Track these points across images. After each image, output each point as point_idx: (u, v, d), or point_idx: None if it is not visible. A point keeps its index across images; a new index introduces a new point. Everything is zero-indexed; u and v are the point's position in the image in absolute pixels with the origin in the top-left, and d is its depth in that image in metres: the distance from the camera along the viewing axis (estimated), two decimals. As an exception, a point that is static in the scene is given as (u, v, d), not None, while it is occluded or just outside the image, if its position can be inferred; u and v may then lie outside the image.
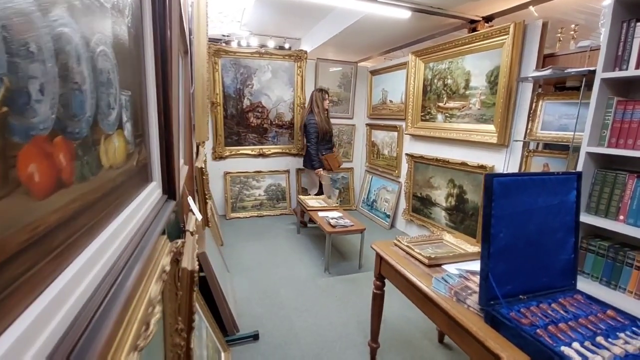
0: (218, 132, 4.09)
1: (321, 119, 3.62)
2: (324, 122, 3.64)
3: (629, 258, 1.72)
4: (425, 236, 1.78)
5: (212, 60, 3.88)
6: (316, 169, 3.68)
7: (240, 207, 4.30)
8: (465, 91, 2.91)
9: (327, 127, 3.68)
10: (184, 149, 1.50)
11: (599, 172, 1.83)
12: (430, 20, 3.11)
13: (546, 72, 1.99)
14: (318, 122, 3.59)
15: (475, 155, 2.87)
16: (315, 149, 3.65)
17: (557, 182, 1.16)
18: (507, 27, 2.43)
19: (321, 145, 3.71)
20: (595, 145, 1.81)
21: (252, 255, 3.14)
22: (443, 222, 3.27)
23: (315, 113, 3.63)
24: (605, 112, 1.77)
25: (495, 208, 1.06)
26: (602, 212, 1.82)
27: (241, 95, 4.11)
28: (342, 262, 3.07)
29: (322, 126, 3.62)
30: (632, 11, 1.69)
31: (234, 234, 3.70)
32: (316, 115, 3.62)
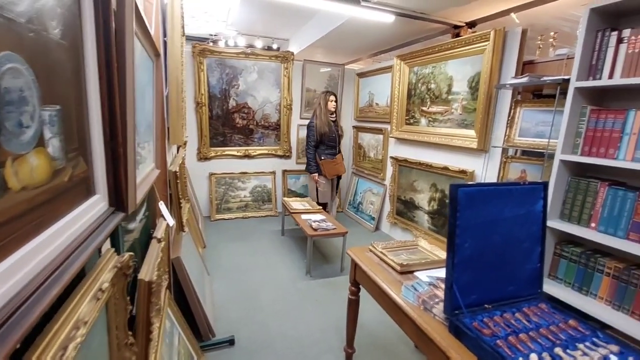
0: (203, 133, 4.04)
1: (322, 122, 3.48)
2: (324, 125, 3.49)
3: (599, 264, 1.75)
4: (401, 242, 1.78)
5: (197, 60, 3.83)
6: (311, 173, 3.59)
7: (225, 209, 4.26)
8: (448, 96, 2.93)
9: (327, 131, 3.49)
10: (155, 154, 1.48)
11: (572, 180, 1.86)
12: (414, 25, 3.12)
13: (523, 79, 2.01)
14: (316, 125, 3.49)
15: (456, 160, 2.89)
16: (312, 152, 3.55)
17: (523, 193, 1.17)
18: (487, 33, 2.45)
19: (321, 149, 3.56)
20: (569, 153, 1.83)
21: (235, 258, 3.12)
22: (426, 226, 3.29)
23: (317, 115, 3.53)
24: (579, 120, 1.80)
25: (460, 218, 1.06)
26: (575, 219, 1.85)
27: (227, 95, 4.08)
28: (324, 264, 3.07)
29: (321, 129, 3.48)
30: (607, 20, 1.72)
31: (218, 235, 3.67)
32: (317, 117, 3.51)
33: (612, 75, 1.67)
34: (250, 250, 3.30)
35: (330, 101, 3.52)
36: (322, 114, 3.51)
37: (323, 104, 3.51)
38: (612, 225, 1.69)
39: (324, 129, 3.48)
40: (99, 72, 0.64)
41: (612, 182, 1.73)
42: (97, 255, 0.70)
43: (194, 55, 3.82)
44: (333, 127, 3.56)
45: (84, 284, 0.56)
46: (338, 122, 3.66)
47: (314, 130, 3.51)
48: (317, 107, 3.56)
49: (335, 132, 3.58)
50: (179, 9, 1.63)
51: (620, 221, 1.65)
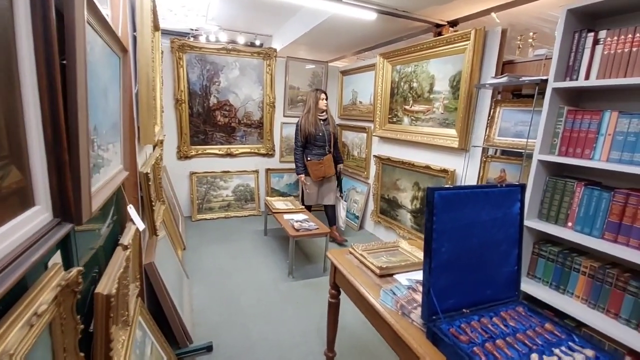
0: (183, 131, 3.93)
1: (307, 122, 3.33)
2: (310, 125, 3.32)
3: (576, 263, 1.77)
4: (381, 244, 1.76)
5: (176, 55, 3.71)
6: (298, 174, 3.48)
7: (207, 208, 4.16)
8: (430, 95, 2.93)
9: (312, 131, 3.32)
10: (123, 155, 1.40)
11: (550, 180, 1.87)
12: (397, 23, 3.10)
13: (502, 79, 2.01)
14: (301, 124, 3.36)
15: (438, 159, 2.90)
16: (299, 153, 3.42)
17: (500, 195, 1.16)
18: (468, 32, 2.44)
19: (309, 149, 3.41)
20: (546, 153, 1.84)
21: (215, 260, 3.04)
22: (409, 225, 3.29)
23: (303, 115, 3.40)
24: (556, 120, 1.81)
25: (437, 222, 1.04)
26: (553, 218, 1.86)
27: (208, 92, 3.97)
28: (307, 264, 3.03)
29: (305, 129, 3.33)
30: (584, 21, 1.73)
31: (199, 236, 3.58)
32: (303, 117, 3.37)
33: (589, 76, 1.68)
34: (232, 252, 3.23)
35: (321, 99, 3.35)
36: (311, 114, 3.35)
37: (313, 103, 3.35)
38: (588, 224, 1.71)
39: (309, 129, 3.33)
40: (38, 69, 0.58)
41: (588, 182, 1.75)
42: (44, 271, 0.64)
43: (173, 51, 3.70)
44: (322, 127, 3.38)
45: (15, 309, 0.50)
46: (331, 121, 3.47)
47: (297, 128, 3.42)
48: (306, 106, 3.41)
49: (324, 132, 3.38)
50: (148, 2, 1.55)
51: (595, 221, 1.68)
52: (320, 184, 3.48)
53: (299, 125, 3.40)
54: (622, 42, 1.55)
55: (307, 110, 3.38)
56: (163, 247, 2.18)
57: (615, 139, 1.60)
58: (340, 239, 3.56)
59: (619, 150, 1.59)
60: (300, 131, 3.37)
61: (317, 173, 3.41)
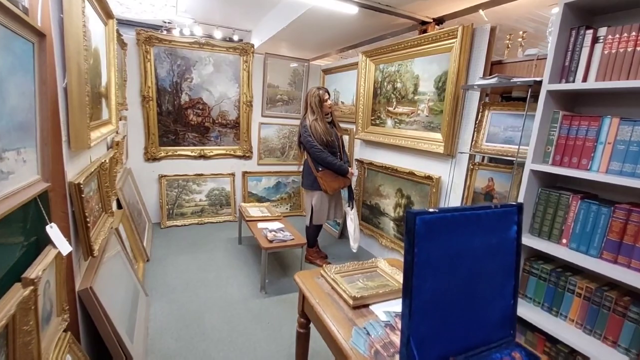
0: (151, 131, 3.64)
1: (323, 129, 2.77)
2: (326, 133, 2.78)
3: (570, 284, 1.61)
4: (358, 264, 1.55)
5: (143, 48, 3.42)
6: (344, 172, 2.86)
7: (178, 214, 3.88)
8: (414, 96, 2.75)
9: (329, 139, 2.79)
10: (42, 163, 1.14)
11: (543, 191, 1.71)
12: (380, 19, 2.91)
13: (491, 80, 1.84)
14: (314, 132, 2.75)
15: (422, 165, 2.72)
16: (325, 152, 2.78)
17: (494, 217, 0.96)
18: (455, 29, 2.27)
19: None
20: (539, 162, 1.68)
21: (181, 273, 2.78)
22: (391, 233, 3.11)
23: (311, 120, 2.78)
24: (550, 126, 1.64)
25: (419, 254, 0.83)
26: (545, 234, 1.70)
27: (178, 89, 3.69)
28: (282, 277, 2.80)
29: (322, 137, 2.76)
30: (583, 17, 1.57)
31: (167, 245, 3.30)
32: (312, 122, 2.77)
33: (587, 78, 1.52)
34: (201, 263, 2.97)
35: (325, 100, 2.83)
36: (319, 119, 2.77)
37: (316, 104, 2.77)
38: (584, 242, 1.55)
39: (326, 138, 2.77)
40: None
41: (585, 195, 1.59)
42: None
43: (139, 44, 3.41)
44: (332, 131, 2.88)
45: None
46: (335, 122, 3.01)
47: (311, 136, 2.77)
48: (308, 109, 2.82)
49: (336, 137, 2.90)
50: (79, -20, 1.29)
51: (593, 238, 1.51)
52: (331, 197, 2.99)
53: (311, 132, 2.77)
54: (625, 41, 1.39)
55: (314, 114, 2.78)
56: (112, 265, 1.91)
57: (615, 148, 1.44)
58: (322, 262, 3.04)
59: (619, 161, 1.43)
60: (314, 137, 2.77)
61: (333, 185, 2.85)
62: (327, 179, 2.84)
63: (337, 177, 2.87)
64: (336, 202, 3.05)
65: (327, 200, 2.94)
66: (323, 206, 2.94)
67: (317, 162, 2.84)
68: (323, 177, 2.83)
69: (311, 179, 2.88)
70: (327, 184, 2.84)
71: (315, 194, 2.91)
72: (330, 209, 3.00)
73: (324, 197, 2.91)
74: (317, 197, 2.91)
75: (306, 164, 2.92)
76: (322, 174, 2.83)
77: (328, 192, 2.88)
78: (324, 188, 2.85)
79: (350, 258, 3.21)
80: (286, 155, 4.46)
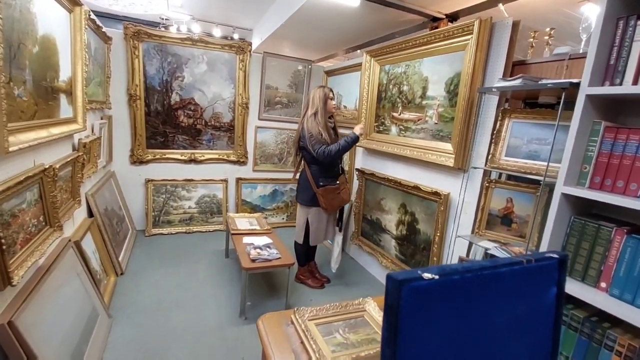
0: (138, 132, 3.40)
1: (326, 130, 2.45)
2: (329, 135, 2.47)
3: (609, 339, 1.27)
4: (340, 305, 1.24)
5: (130, 43, 3.19)
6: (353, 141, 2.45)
7: (164, 222, 3.62)
8: (422, 101, 2.43)
9: (326, 135, 2.45)
10: None
11: (576, 221, 1.37)
12: (385, 14, 2.61)
13: (515, 82, 1.51)
14: (314, 132, 2.40)
15: (429, 178, 2.40)
16: (334, 145, 2.42)
17: (524, 276, 0.65)
18: (470, 24, 1.96)
19: (322, 168, 2.52)
20: (573, 184, 1.35)
21: (156, 289, 2.50)
22: (393, 253, 2.78)
23: (308, 118, 2.46)
24: (589, 140, 1.31)
25: (405, 347, 0.52)
26: (578, 273, 1.36)
27: (169, 88, 3.45)
28: (266, 299, 2.50)
29: (327, 139, 2.44)
30: (633, 5, 1.24)
31: (147, 256, 3.04)
32: (310, 120, 2.44)
33: (638, 81, 1.19)
34: (180, 279, 2.69)
35: (330, 99, 2.50)
36: (320, 116, 2.43)
37: (321, 103, 2.44)
38: (631, 289, 1.21)
39: (325, 133, 2.45)
40: None
41: (633, 228, 1.25)
42: None
43: (127, 38, 3.18)
44: (334, 136, 2.56)
45: None
46: (336, 129, 2.63)
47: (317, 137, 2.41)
48: (310, 104, 2.49)
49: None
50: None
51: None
52: (329, 215, 2.65)
53: (309, 132, 2.42)
54: (695, 32, 1.07)
55: (313, 113, 2.45)
56: (58, 287, 1.64)
57: (678, 171, 1.11)
58: (315, 283, 2.76)
59: (683, 188, 1.10)
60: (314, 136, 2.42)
61: (334, 203, 2.55)
62: (329, 196, 2.52)
63: (338, 194, 2.57)
64: (332, 221, 2.75)
65: (325, 219, 2.64)
66: (321, 225, 2.63)
67: (325, 163, 2.47)
68: (324, 195, 2.51)
69: (309, 194, 2.54)
70: (328, 202, 2.53)
71: (311, 211, 2.59)
72: (328, 227, 2.70)
73: (322, 214, 2.60)
74: (314, 215, 2.59)
75: (304, 177, 2.59)
76: (323, 191, 2.50)
77: (328, 211, 2.60)
78: (324, 206, 2.54)
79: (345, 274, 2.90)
80: (284, 162, 4.17)
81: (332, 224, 2.73)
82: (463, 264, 0.59)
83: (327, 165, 2.51)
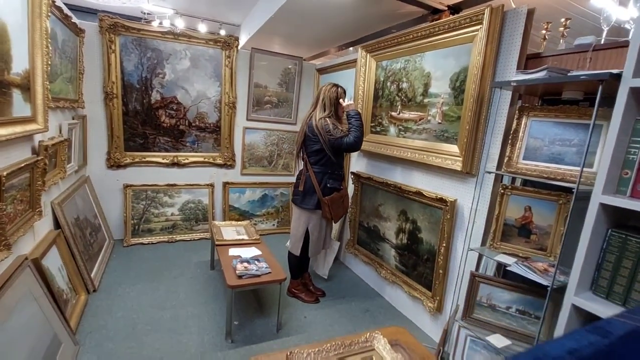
0: (115, 133, 3.12)
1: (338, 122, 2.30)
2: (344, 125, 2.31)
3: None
4: (344, 345, 1.02)
5: (107, 37, 2.93)
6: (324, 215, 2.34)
7: (145, 230, 3.35)
8: (424, 99, 2.24)
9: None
10: None
11: (615, 235, 1.18)
12: (382, 5, 2.41)
13: (539, 74, 1.32)
14: (331, 127, 2.21)
15: (433, 183, 2.20)
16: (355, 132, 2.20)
17: None
18: (480, 13, 1.77)
19: (330, 170, 2.31)
20: (611, 192, 1.16)
21: (131, 309, 2.24)
22: (392, 263, 2.57)
23: (321, 116, 2.25)
24: (630, 141, 1.13)
25: None
26: (619, 297, 1.17)
27: (149, 86, 3.19)
28: (255, 318, 2.27)
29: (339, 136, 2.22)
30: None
31: (125, 269, 2.77)
32: (324, 118, 2.24)
33: (691, 71, 1.01)
34: (159, 296, 2.43)
35: (341, 98, 2.31)
36: (332, 117, 2.27)
37: (332, 100, 2.26)
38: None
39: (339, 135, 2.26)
40: None
41: (686, 244, 1.07)
42: None
43: (102, 31, 2.91)
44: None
45: None
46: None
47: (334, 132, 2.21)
48: (319, 104, 2.29)
49: None
50: None
51: None
52: (328, 223, 2.48)
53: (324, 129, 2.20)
54: None
55: (324, 111, 2.26)
56: (9, 314, 1.38)
57: None
58: (309, 297, 2.52)
59: None
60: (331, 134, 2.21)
61: (339, 212, 2.37)
62: (334, 205, 2.33)
63: (342, 202, 2.40)
64: (330, 228, 2.57)
65: (325, 227, 2.44)
66: (321, 234, 2.43)
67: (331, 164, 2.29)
68: (331, 204, 2.30)
69: (314, 199, 2.31)
70: (334, 212, 2.34)
71: (313, 218, 2.36)
72: (327, 236, 2.51)
73: (323, 222, 2.40)
74: (316, 223, 2.37)
75: (308, 180, 2.32)
76: (329, 200, 2.30)
77: (334, 221, 2.45)
78: (329, 216, 2.34)
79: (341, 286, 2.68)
80: (274, 165, 3.94)
81: (330, 232, 2.53)
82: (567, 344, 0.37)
83: (333, 166, 2.33)
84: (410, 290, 2.36)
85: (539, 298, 1.56)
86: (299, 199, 2.39)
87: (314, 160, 2.31)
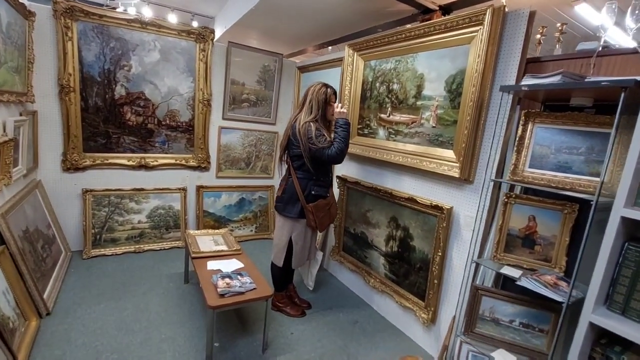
0: (72, 131, 2.78)
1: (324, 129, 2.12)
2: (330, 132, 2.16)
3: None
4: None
5: (62, 22, 2.58)
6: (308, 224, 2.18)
7: (108, 240, 3.02)
8: (416, 101, 2.15)
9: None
10: None
11: (632, 249, 1.13)
12: (368, 3, 2.30)
13: (552, 79, 1.26)
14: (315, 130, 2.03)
15: (428, 189, 2.12)
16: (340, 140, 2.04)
17: None
18: (481, 13, 1.70)
19: (316, 177, 2.14)
20: (629, 205, 1.11)
21: (93, 335, 1.96)
22: (382, 272, 2.47)
23: (308, 119, 2.07)
24: (651, 152, 1.08)
25: None
26: (635, 313, 1.12)
27: (112, 79, 2.87)
28: (238, 338, 2.07)
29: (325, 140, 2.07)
30: None
31: (85, 285, 2.45)
32: (310, 122, 2.06)
33: None
34: (127, 317, 2.16)
35: (331, 104, 2.14)
36: (318, 121, 2.09)
37: (320, 103, 2.08)
38: None
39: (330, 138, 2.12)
40: None
41: None
42: None
43: (57, 15, 2.57)
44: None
45: None
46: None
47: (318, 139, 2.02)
48: (306, 106, 2.11)
49: None
50: None
51: None
52: (314, 233, 2.33)
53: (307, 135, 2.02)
54: None
55: (311, 113, 2.08)
56: None
57: None
58: (295, 311, 2.36)
59: None
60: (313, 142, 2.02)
61: (325, 220, 2.21)
62: (319, 214, 2.16)
63: (329, 210, 2.23)
64: (315, 238, 2.41)
65: (310, 236, 2.28)
66: (306, 244, 2.27)
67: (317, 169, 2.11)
68: (315, 212, 2.14)
69: (297, 206, 2.14)
70: (319, 220, 2.17)
71: (297, 226, 2.19)
72: (312, 245, 2.35)
73: (308, 231, 2.24)
74: (300, 232, 2.20)
75: (291, 186, 2.16)
76: (314, 207, 2.13)
77: (319, 230, 2.29)
78: (313, 225, 2.17)
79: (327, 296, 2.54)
80: (252, 167, 3.73)
81: (315, 241, 2.38)
82: None
83: (319, 171, 2.14)
84: (402, 300, 2.26)
85: (542, 310, 1.52)
86: (281, 207, 2.21)
87: (298, 165, 2.15)
